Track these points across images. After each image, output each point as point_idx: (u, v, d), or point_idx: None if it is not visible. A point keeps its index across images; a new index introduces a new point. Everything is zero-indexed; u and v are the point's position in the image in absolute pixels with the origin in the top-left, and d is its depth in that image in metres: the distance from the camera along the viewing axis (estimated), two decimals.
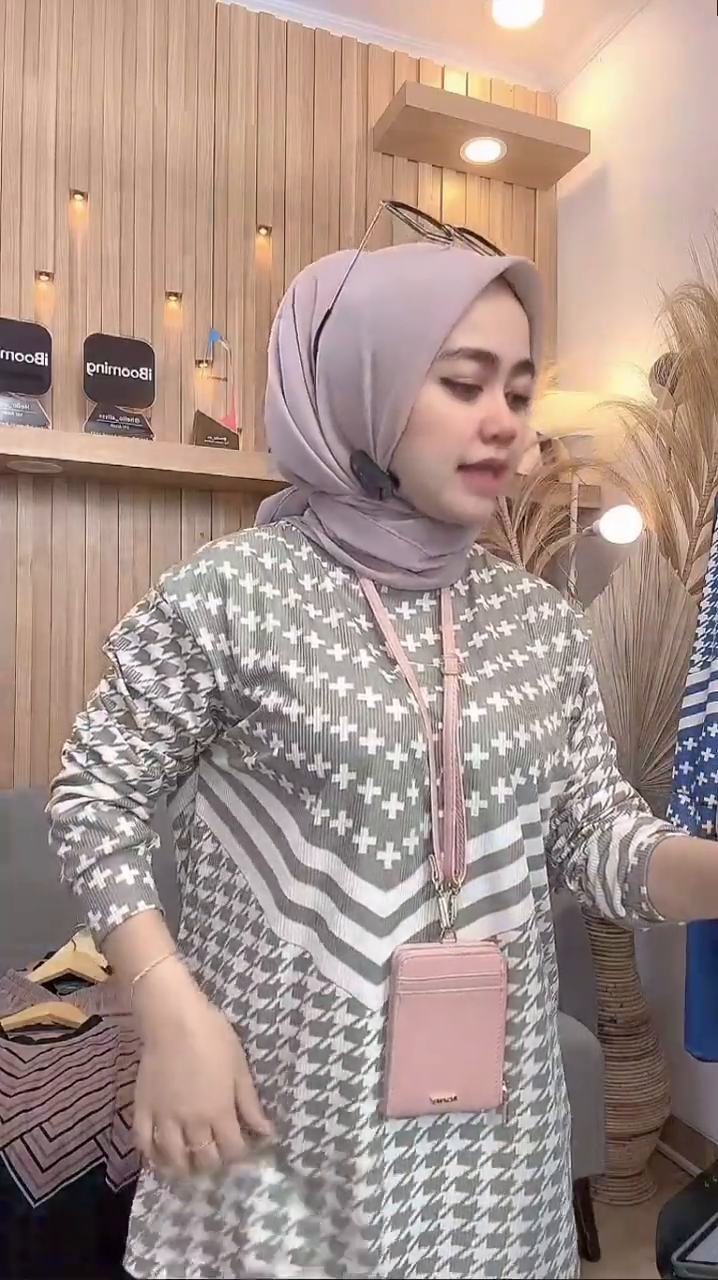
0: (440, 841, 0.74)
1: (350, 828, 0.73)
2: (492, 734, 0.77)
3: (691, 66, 2.25)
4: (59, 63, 2.20)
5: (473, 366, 0.74)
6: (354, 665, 0.76)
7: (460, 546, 0.84)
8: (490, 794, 0.76)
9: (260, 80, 2.41)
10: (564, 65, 2.66)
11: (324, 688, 0.74)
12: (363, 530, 0.81)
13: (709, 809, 1.51)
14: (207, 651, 0.78)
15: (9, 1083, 1.49)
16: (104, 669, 0.85)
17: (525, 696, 0.81)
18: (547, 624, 0.88)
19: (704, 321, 1.99)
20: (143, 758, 0.81)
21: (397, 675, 0.77)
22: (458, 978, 0.73)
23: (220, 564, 0.79)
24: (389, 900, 0.73)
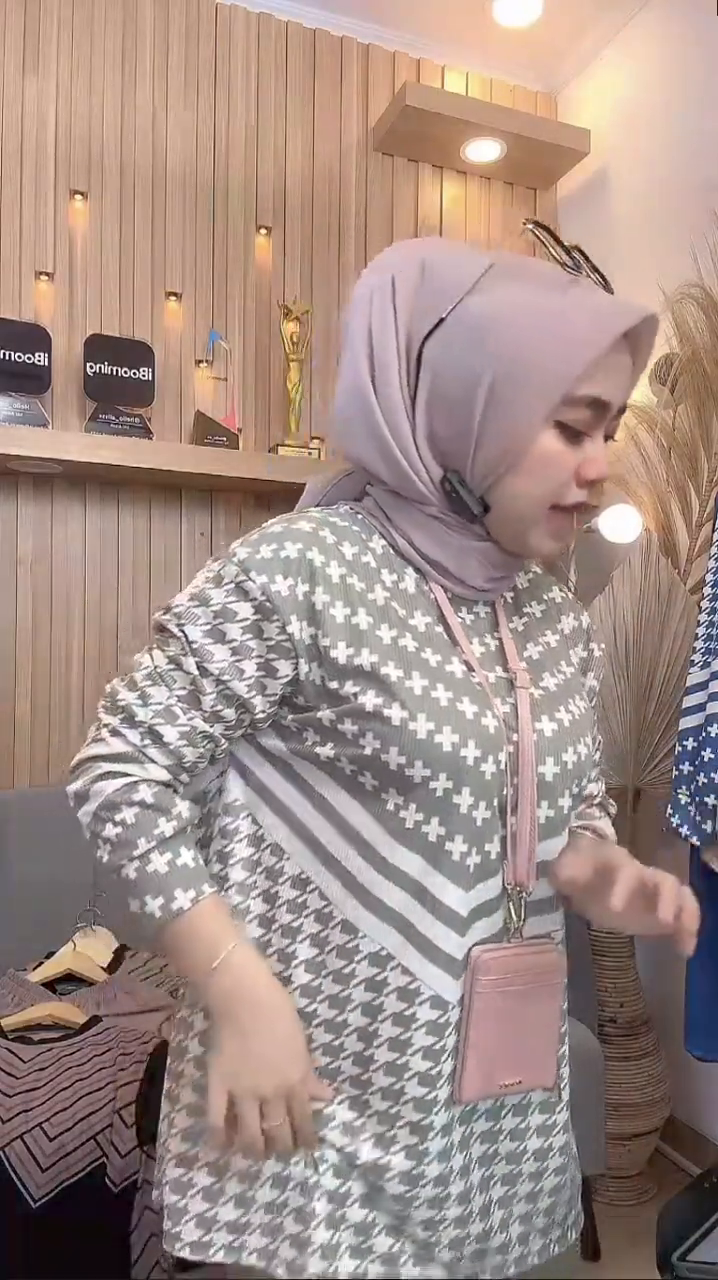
0: (514, 847, 0.77)
1: (443, 834, 0.75)
2: (561, 749, 0.80)
3: (691, 66, 2.25)
4: (59, 63, 2.20)
5: (587, 414, 0.74)
6: (448, 673, 0.77)
7: (519, 568, 0.86)
8: (557, 804, 0.80)
9: (260, 80, 2.41)
10: (564, 65, 2.66)
11: (426, 694, 0.74)
12: (440, 542, 0.80)
13: (709, 809, 1.51)
14: (294, 639, 0.76)
15: (9, 1083, 1.49)
16: (152, 640, 0.81)
17: (578, 711, 0.84)
18: (574, 635, 0.91)
19: (704, 321, 1.99)
20: (202, 740, 0.79)
21: (480, 684, 0.78)
22: (525, 974, 0.78)
23: (309, 549, 0.77)
24: (469, 900, 0.76)
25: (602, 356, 0.72)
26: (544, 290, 0.74)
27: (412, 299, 0.76)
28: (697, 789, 1.52)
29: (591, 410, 0.74)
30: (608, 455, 0.78)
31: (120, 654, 2.27)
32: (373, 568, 0.79)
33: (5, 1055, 1.55)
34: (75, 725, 2.22)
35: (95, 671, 2.24)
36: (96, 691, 2.23)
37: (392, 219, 2.57)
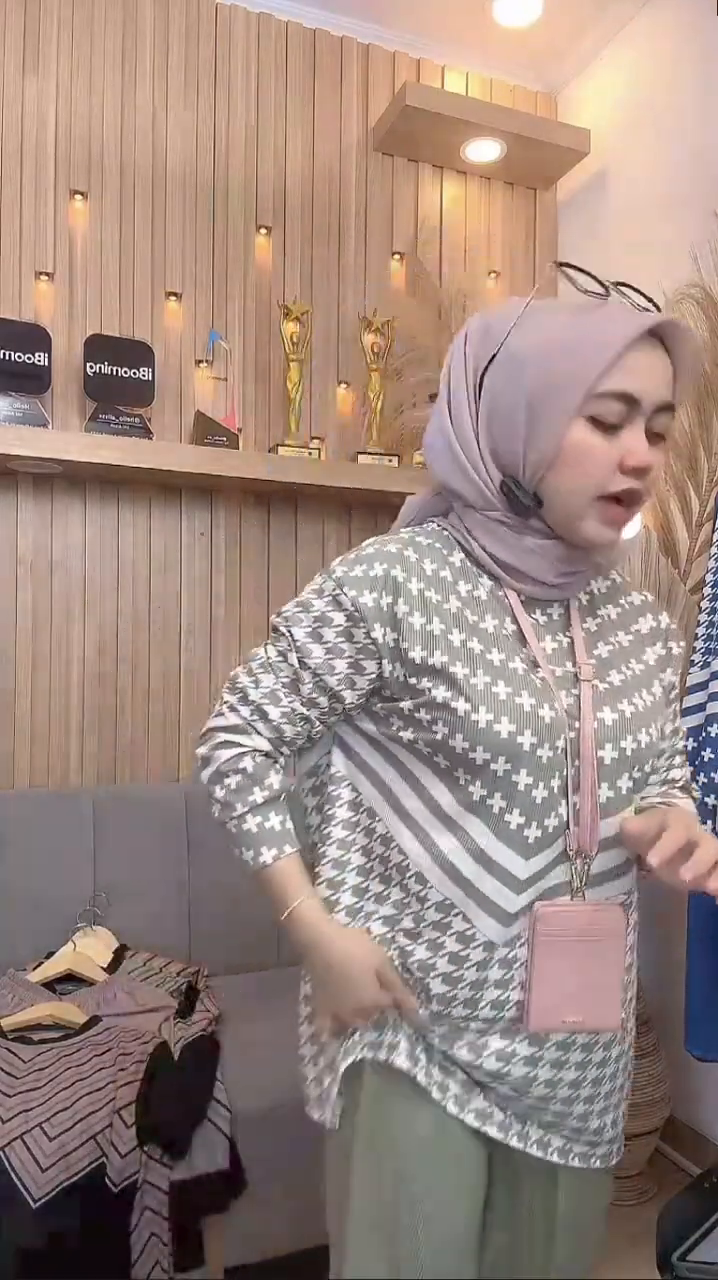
0: (577, 820, 0.88)
1: (504, 807, 0.88)
2: (621, 736, 0.90)
3: (691, 66, 2.25)
4: (59, 63, 2.20)
5: (617, 407, 0.84)
6: (511, 670, 0.89)
7: (589, 565, 0.95)
8: (616, 785, 0.90)
9: (260, 80, 2.41)
10: (564, 65, 2.66)
11: (488, 690, 0.87)
12: (509, 545, 0.92)
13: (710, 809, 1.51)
14: (378, 643, 0.91)
15: (9, 1083, 1.49)
16: (268, 636, 0.99)
17: (643, 704, 0.94)
18: (651, 634, 1.00)
19: (704, 321, 1.99)
20: (300, 720, 0.96)
21: (542, 680, 0.89)
22: (589, 929, 0.89)
23: (393, 568, 0.91)
24: (528, 866, 0.88)
25: (621, 356, 0.82)
26: (571, 316, 0.87)
27: (477, 346, 0.92)
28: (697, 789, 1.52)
29: (620, 404, 0.84)
30: (662, 457, 0.88)
31: (120, 654, 2.27)
32: (449, 580, 0.93)
33: (5, 1055, 1.55)
34: (75, 725, 2.22)
35: (95, 671, 2.24)
36: (97, 691, 2.24)
37: (392, 219, 2.57)
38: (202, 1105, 1.51)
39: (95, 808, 2.07)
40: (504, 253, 2.72)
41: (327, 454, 2.44)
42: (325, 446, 2.45)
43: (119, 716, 2.26)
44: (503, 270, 2.71)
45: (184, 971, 1.93)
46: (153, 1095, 1.47)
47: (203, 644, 2.34)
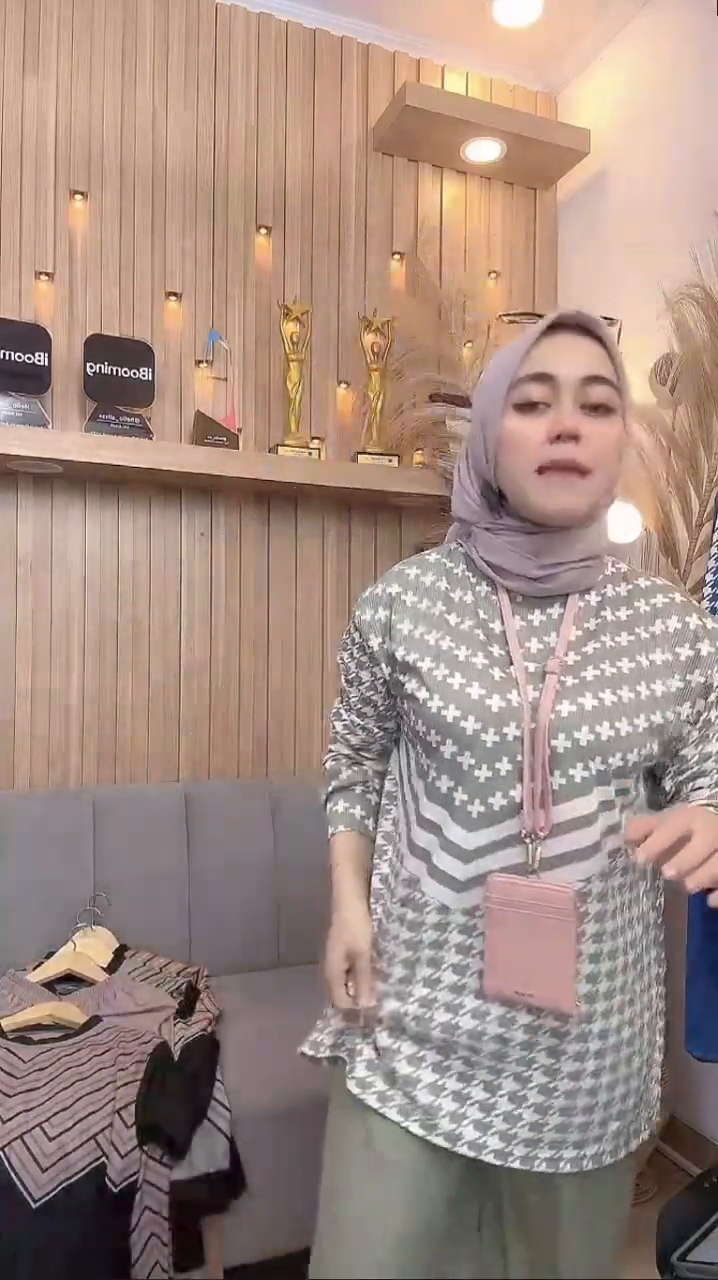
0: (529, 803, 0.93)
1: (453, 785, 0.97)
2: (576, 728, 0.93)
3: (691, 66, 2.25)
4: (59, 63, 2.20)
5: (536, 388, 0.93)
6: (472, 665, 0.97)
7: (576, 557, 0.99)
8: (568, 774, 0.93)
9: (260, 80, 2.41)
10: (564, 65, 2.66)
11: (445, 681, 0.97)
12: (492, 547, 1.00)
13: None
14: (374, 651, 1.04)
15: (9, 1083, 1.49)
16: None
17: (615, 699, 0.95)
18: (673, 635, 1.00)
19: (704, 321, 1.99)
20: (358, 729, 1.14)
21: (508, 674, 0.96)
22: (533, 904, 0.93)
23: (391, 585, 1.05)
24: (473, 839, 0.96)
25: (534, 346, 0.94)
26: (505, 346, 1.00)
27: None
28: None
29: (539, 384, 0.93)
30: (607, 434, 0.94)
31: (120, 654, 2.27)
32: (444, 589, 1.03)
33: (5, 1055, 1.55)
34: (75, 725, 2.22)
35: (95, 672, 2.24)
36: (97, 691, 2.24)
37: (392, 219, 2.57)
38: (202, 1105, 1.51)
39: (95, 808, 2.07)
40: (504, 253, 2.72)
41: (327, 454, 2.44)
42: (325, 446, 2.45)
43: (119, 716, 2.26)
44: (503, 270, 2.71)
45: (184, 971, 1.93)
46: (153, 1095, 1.47)
47: (203, 644, 2.34)
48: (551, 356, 0.93)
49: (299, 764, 2.42)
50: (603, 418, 0.94)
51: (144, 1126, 1.44)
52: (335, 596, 2.49)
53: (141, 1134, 1.43)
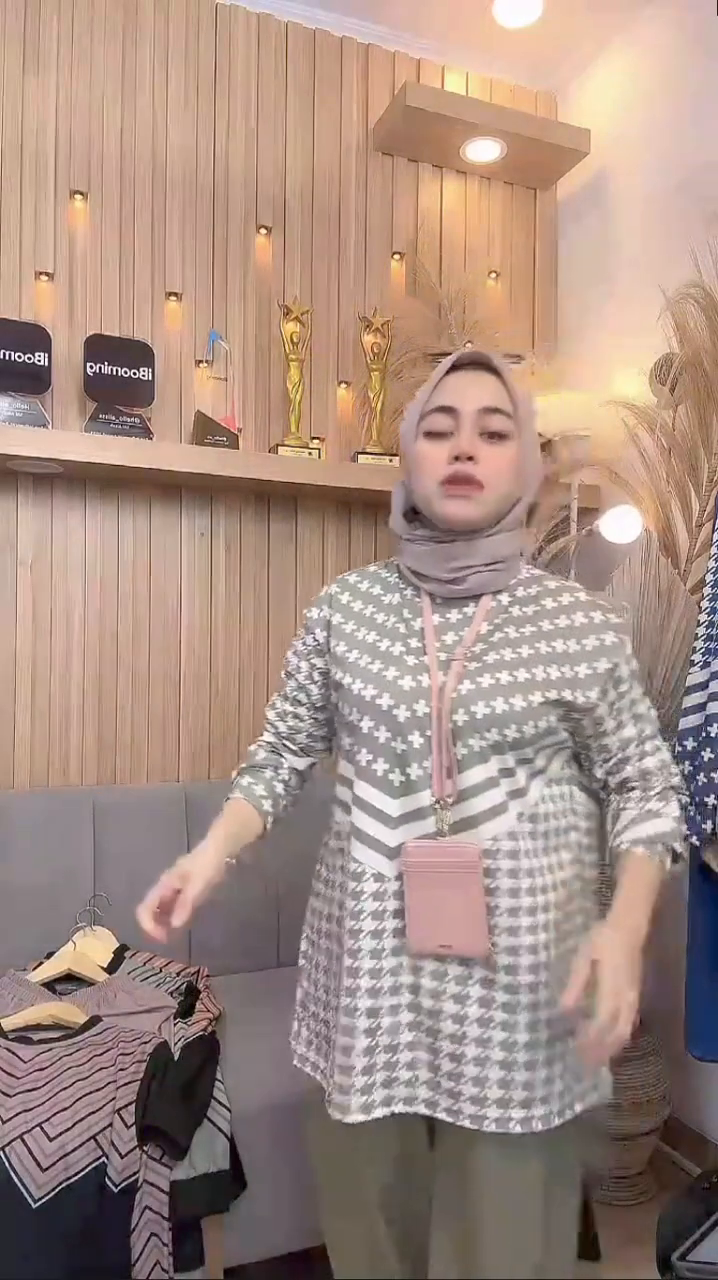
0: (436, 773, 1.07)
1: (372, 758, 1.10)
2: (472, 703, 1.06)
3: (690, 66, 2.25)
4: (59, 63, 2.20)
5: (442, 418, 1.11)
6: (390, 653, 1.13)
7: (480, 561, 1.12)
8: (468, 744, 1.07)
9: (260, 80, 2.41)
10: (564, 65, 2.66)
11: (366, 667, 1.13)
12: (413, 555, 1.16)
13: (710, 809, 1.51)
14: (318, 643, 1.21)
15: (9, 1083, 1.49)
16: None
17: (516, 679, 1.08)
18: (579, 629, 1.12)
19: (704, 322, 1.99)
20: (289, 717, 1.27)
21: (420, 661, 1.11)
22: (445, 863, 1.04)
23: (335, 588, 1.24)
24: (396, 805, 1.09)
25: (440, 385, 1.12)
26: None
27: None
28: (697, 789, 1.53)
29: (443, 415, 1.11)
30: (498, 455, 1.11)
31: (120, 654, 2.27)
32: (376, 593, 1.20)
33: (5, 1055, 1.55)
34: (75, 725, 2.22)
35: (95, 671, 2.24)
36: (97, 691, 2.24)
37: (392, 219, 2.57)
38: (202, 1105, 1.51)
39: (95, 808, 2.07)
40: (504, 253, 2.72)
41: (327, 454, 2.44)
42: (325, 446, 2.45)
43: (119, 717, 2.26)
44: (503, 270, 2.71)
45: (184, 971, 1.93)
46: (153, 1095, 1.47)
47: (203, 644, 2.35)
48: (454, 391, 1.11)
49: None
50: (499, 443, 1.11)
51: (144, 1126, 1.44)
52: None
53: (141, 1134, 1.44)
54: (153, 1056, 1.55)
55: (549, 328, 2.78)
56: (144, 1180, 1.42)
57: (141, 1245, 1.40)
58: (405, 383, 2.42)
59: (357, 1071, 1.06)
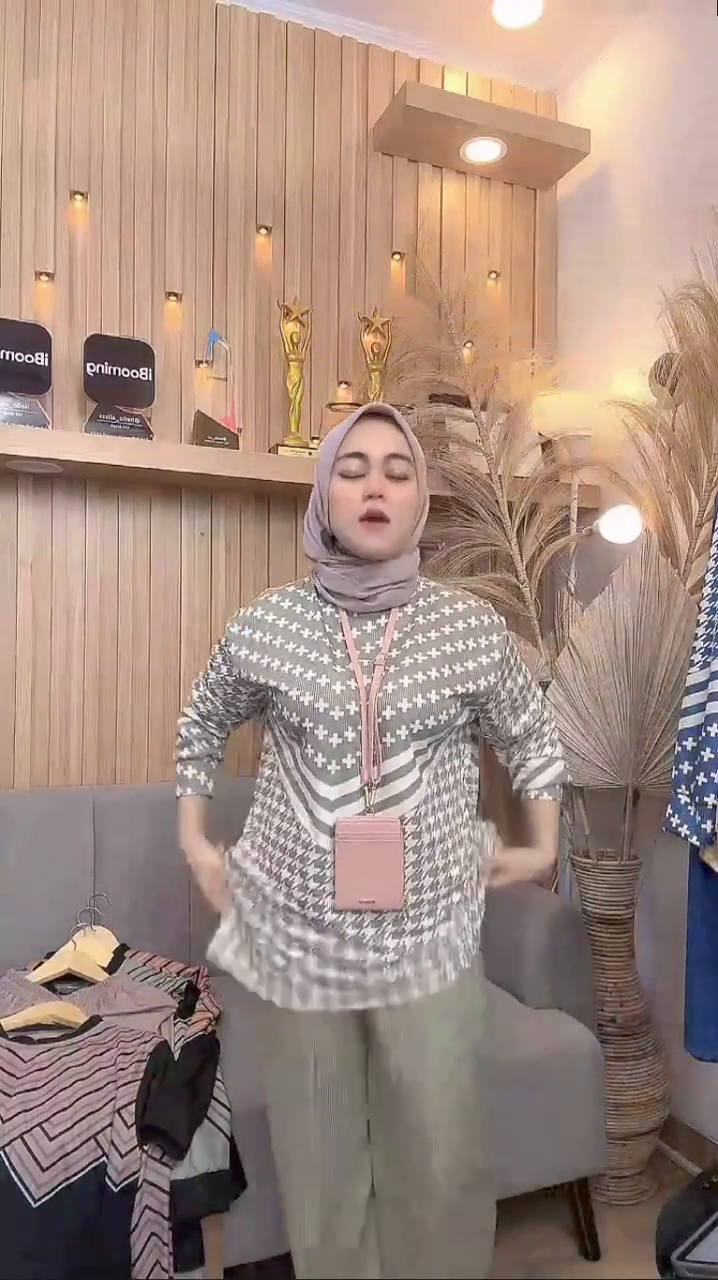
0: (364, 761, 1.27)
1: (312, 752, 1.28)
2: (398, 700, 1.27)
3: (691, 66, 2.25)
4: (59, 63, 2.20)
5: (354, 462, 1.29)
6: (319, 662, 1.30)
7: (387, 582, 1.32)
8: (396, 734, 1.27)
9: (260, 80, 2.41)
10: (564, 65, 2.66)
11: (300, 676, 1.30)
12: (331, 578, 1.33)
13: (709, 809, 1.51)
14: (232, 656, 1.38)
15: (9, 1083, 1.49)
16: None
17: (429, 677, 1.29)
18: (473, 629, 1.36)
19: (704, 322, 1.99)
20: (208, 701, 1.49)
21: (346, 668, 1.29)
22: (371, 834, 1.26)
23: (255, 608, 1.39)
24: (334, 791, 1.27)
25: (350, 434, 1.29)
26: (335, 430, 1.34)
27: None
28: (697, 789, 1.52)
29: (355, 460, 1.29)
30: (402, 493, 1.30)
31: (120, 653, 2.27)
32: (297, 611, 1.37)
33: (5, 1055, 1.55)
34: (75, 725, 2.22)
35: (95, 671, 2.24)
36: (97, 691, 2.24)
37: (392, 219, 2.57)
38: (202, 1105, 1.51)
39: (95, 808, 2.07)
40: (504, 253, 2.72)
41: None
42: None
43: (119, 716, 2.26)
44: (503, 270, 2.71)
45: (184, 971, 1.93)
46: (153, 1095, 1.47)
47: (203, 644, 2.35)
48: (362, 439, 1.29)
49: None
50: (400, 483, 1.30)
51: (144, 1126, 1.44)
52: None
53: (142, 1133, 1.44)
54: (153, 1056, 1.55)
55: (549, 328, 2.78)
56: (144, 1180, 1.42)
57: (142, 1245, 1.40)
58: (406, 383, 2.42)
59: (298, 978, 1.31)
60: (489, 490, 2.26)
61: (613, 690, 2.01)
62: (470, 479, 2.25)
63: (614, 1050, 2.03)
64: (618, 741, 2.03)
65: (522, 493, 2.28)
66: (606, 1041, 2.03)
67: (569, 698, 2.01)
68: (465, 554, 2.31)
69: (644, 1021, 2.10)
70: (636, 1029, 2.07)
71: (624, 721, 2.02)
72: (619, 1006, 2.07)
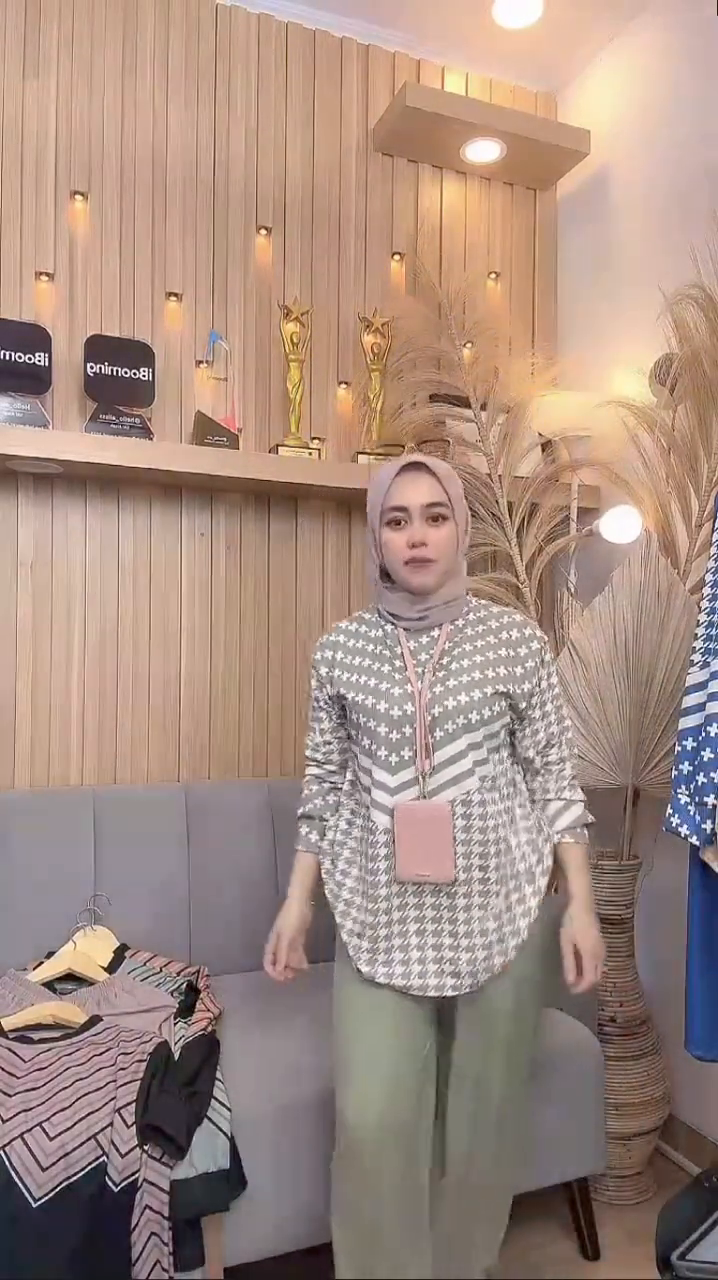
0: (419, 753, 1.44)
1: (375, 747, 1.47)
2: (443, 700, 1.45)
3: (691, 66, 2.25)
4: (59, 63, 2.20)
5: (398, 514, 1.46)
6: (382, 671, 1.50)
7: (438, 603, 1.49)
8: (444, 729, 1.44)
9: (261, 81, 2.41)
10: (564, 65, 2.66)
11: (364, 683, 1.51)
12: (388, 601, 1.53)
13: (709, 809, 1.51)
14: (323, 676, 1.57)
15: (9, 1082, 1.49)
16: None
17: (472, 678, 1.46)
18: (513, 640, 1.51)
19: (704, 322, 1.99)
20: (319, 735, 1.63)
21: (403, 674, 1.49)
22: (424, 814, 1.43)
23: (332, 634, 1.60)
24: (394, 780, 1.46)
25: (392, 486, 1.46)
26: (378, 476, 1.51)
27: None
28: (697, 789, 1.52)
29: (398, 511, 1.46)
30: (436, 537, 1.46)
31: (120, 654, 2.27)
32: (363, 631, 1.57)
33: (5, 1055, 1.55)
34: (75, 725, 2.22)
35: (95, 672, 2.24)
36: (97, 691, 2.24)
37: (392, 219, 2.57)
38: (202, 1105, 1.51)
39: (95, 808, 2.08)
40: (504, 253, 2.72)
41: (327, 454, 2.44)
42: (325, 446, 2.45)
43: (119, 717, 2.26)
44: (503, 270, 2.71)
45: (184, 971, 1.93)
46: (153, 1095, 1.47)
47: (203, 644, 2.35)
48: (402, 494, 1.45)
49: (299, 764, 2.42)
50: (441, 525, 1.46)
51: (144, 1125, 1.44)
52: (335, 596, 2.49)
53: (142, 1133, 1.44)
54: (153, 1056, 1.55)
55: (549, 328, 2.78)
56: (144, 1179, 1.42)
57: (142, 1244, 1.40)
58: (406, 383, 2.42)
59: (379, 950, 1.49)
60: (489, 490, 2.26)
61: (613, 690, 2.02)
62: (470, 479, 2.25)
63: (614, 1050, 2.03)
64: (618, 741, 2.03)
65: (522, 493, 2.28)
66: (606, 1041, 2.03)
67: (569, 698, 2.01)
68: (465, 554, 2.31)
69: (644, 1021, 2.10)
70: (636, 1029, 2.07)
71: (624, 721, 2.02)
72: (619, 1006, 2.07)
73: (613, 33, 2.50)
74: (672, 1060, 2.19)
